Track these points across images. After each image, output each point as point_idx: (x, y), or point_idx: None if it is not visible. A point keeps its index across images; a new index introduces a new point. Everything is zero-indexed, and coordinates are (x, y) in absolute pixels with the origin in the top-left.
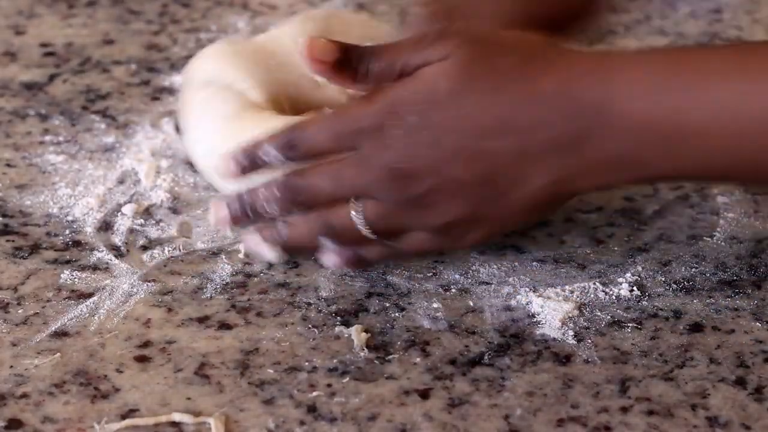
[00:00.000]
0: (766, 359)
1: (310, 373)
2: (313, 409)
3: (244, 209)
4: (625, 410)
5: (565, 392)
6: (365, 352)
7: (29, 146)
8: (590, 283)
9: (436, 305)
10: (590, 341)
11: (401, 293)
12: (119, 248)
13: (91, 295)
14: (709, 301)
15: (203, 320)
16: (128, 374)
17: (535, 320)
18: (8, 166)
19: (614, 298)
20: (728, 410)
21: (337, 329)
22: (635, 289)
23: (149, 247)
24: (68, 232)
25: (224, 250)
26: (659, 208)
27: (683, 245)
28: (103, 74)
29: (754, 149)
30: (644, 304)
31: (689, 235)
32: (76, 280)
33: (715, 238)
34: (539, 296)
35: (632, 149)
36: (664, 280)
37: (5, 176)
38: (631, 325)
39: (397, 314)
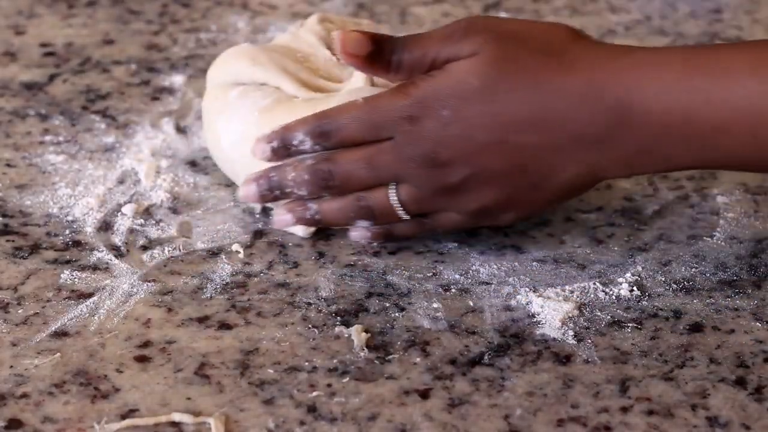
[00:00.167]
0: (766, 359)
1: (310, 373)
2: (313, 409)
3: (272, 188)
4: (625, 410)
5: (565, 392)
6: (365, 352)
7: (29, 146)
8: (590, 283)
9: (436, 305)
10: (590, 341)
11: (401, 293)
12: (119, 248)
13: (91, 295)
14: (709, 301)
15: (203, 320)
16: (128, 374)
17: (535, 320)
18: (8, 166)
19: (614, 298)
20: (728, 410)
21: (337, 329)
22: (635, 289)
23: (149, 247)
24: (68, 232)
25: (224, 250)
26: (659, 208)
27: (683, 245)
28: (103, 74)
29: None
30: (644, 304)
31: (689, 235)
32: (76, 280)
33: (715, 238)
34: (539, 296)
35: (654, 144)
36: (664, 280)
37: (5, 176)
38: (631, 325)
39: (397, 314)
